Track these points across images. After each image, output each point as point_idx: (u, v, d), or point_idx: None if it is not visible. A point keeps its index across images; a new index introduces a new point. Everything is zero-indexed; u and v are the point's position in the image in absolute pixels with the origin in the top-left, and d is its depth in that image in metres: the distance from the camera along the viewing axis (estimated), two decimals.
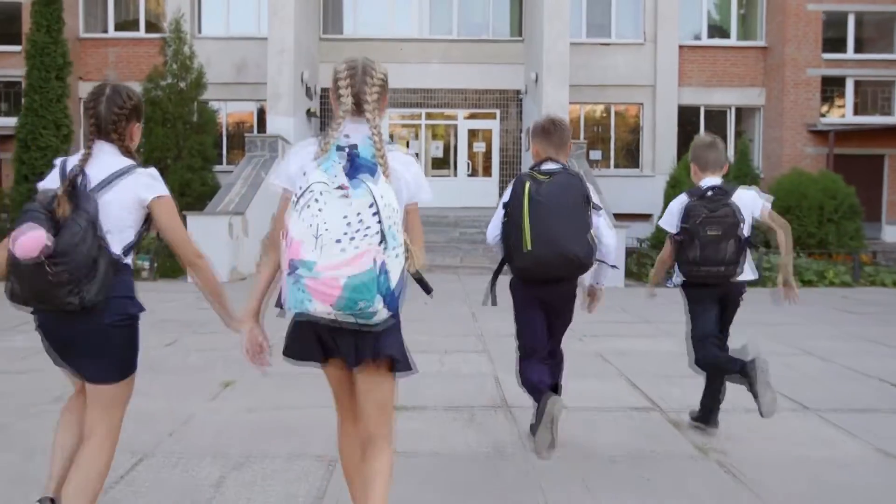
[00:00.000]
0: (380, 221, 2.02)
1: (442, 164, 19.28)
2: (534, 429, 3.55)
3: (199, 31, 18.83)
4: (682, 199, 3.86)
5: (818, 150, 17.71)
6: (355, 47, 18.88)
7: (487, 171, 19.25)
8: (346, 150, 2.12)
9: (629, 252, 13.41)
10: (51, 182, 2.42)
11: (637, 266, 12.87)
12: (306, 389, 5.02)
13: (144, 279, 11.91)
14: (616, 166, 18.92)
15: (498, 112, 19.11)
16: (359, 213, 2.01)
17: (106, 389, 2.50)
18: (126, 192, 2.43)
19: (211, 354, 6.18)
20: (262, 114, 17.92)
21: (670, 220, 3.90)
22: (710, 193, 3.74)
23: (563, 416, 3.35)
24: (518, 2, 19.08)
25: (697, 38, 18.92)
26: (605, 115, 19.28)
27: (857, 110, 18.15)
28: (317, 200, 2.01)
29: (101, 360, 2.45)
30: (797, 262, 12.23)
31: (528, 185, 3.34)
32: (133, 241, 2.51)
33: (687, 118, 18.82)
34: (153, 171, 2.53)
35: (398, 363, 2.30)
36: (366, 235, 2.01)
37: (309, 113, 17.39)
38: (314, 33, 18.45)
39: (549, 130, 3.61)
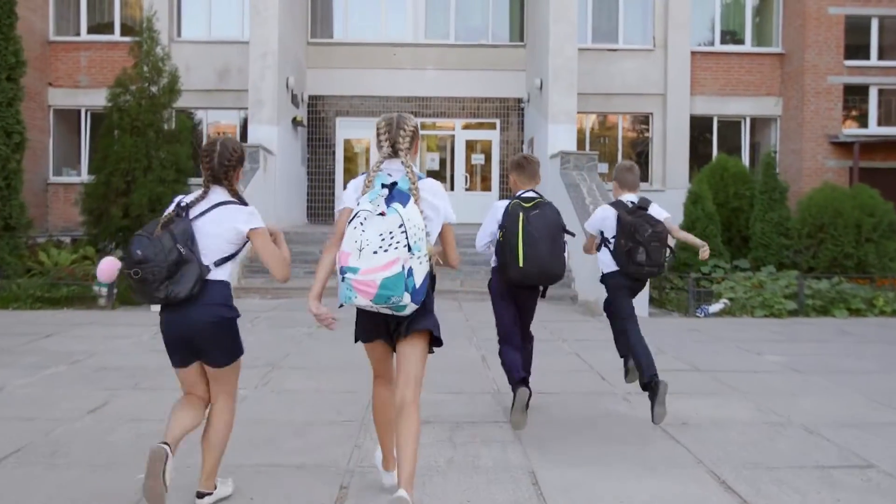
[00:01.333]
0: (407, 237, 2.78)
1: (438, 177, 17.69)
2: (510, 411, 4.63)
3: (179, 35, 17.28)
4: (607, 211, 4.76)
5: (840, 164, 16.27)
6: (346, 52, 17.38)
7: (487, 185, 17.70)
8: (388, 186, 2.90)
9: None
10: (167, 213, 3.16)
11: (658, 291, 11.29)
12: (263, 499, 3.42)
13: (102, 307, 10.24)
14: None
15: (498, 122, 17.59)
16: (391, 231, 2.76)
17: (219, 371, 3.18)
18: (221, 221, 3.10)
19: (145, 427, 4.55)
20: (246, 123, 16.31)
21: (596, 224, 4.82)
22: (633, 206, 4.65)
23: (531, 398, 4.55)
24: (519, 4, 17.61)
25: (710, 43, 17.49)
26: (611, 125, 17.78)
27: (881, 121, 16.72)
28: (362, 223, 2.80)
29: (211, 352, 3.12)
30: (839, 287, 10.71)
31: (521, 214, 4.28)
32: (226, 256, 3.12)
33: (699, 129, 17.37)
34: (252, 208, 3.20)
35: (435, 338, 3.14)
36: (396, 247, 2.76)
37: (295, 122, 15.81)
38: (301, 37, 16.89)
39: (523, 165, 4.61)
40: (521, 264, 4.24)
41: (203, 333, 3.05)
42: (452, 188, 17.52)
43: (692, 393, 5.63)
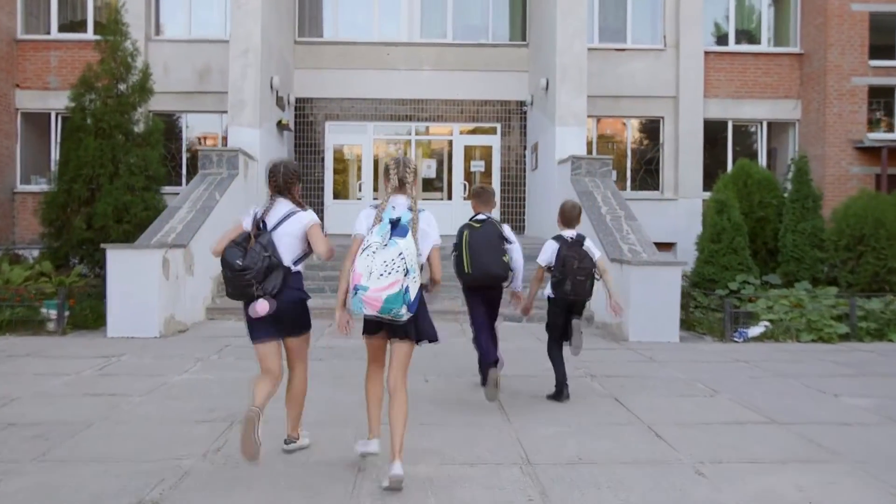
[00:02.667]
0: (405, 263, 3.54)
1: (434, 185, 16.29)
2: (483, 383, 5.41)
3: (157, 33, 15.83)
4: (554, 245, 5.54)
5: (865, 170, 14.95)
6: (336, 52, 16.01)
7: None
8: (393, 223, 3.63)
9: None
10: (247, 224, 3.99)
11: (685, 311, 9.83)
12: None
13: (50, 332, 8.72)
14: (632, 188, 16.01)
15: (499, 126, 16.18)
16: (393, 259, 3.52)
17: (295, 340, 4.08)
18: (293, 226, 3.97)
19: None
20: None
21: (547, 257, 5.55)
22: (572, 241, 5.50)
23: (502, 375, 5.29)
24: (521, 1, 16.23)
25: (724, 43, 16.14)
26: (619, 130, 16.39)
27: None
28: (373, 252, 3.55)
29: (289, 325, 3.99)
30: (893, 306, 9.32)
31: (465, 232, 5.31)
32: (300, 255, 4.03)
33: (712, 134, 16.00)
34: (311, 212, 4.09)
35: (427, 338, 3.88)
36: (396, 272, 3.51)
37: (280, 125, 14.37)
38: (288, 35, 15.47)
39: (480, 193, 5.64)
40: (468, 271, 5.24)
41: (286, 310, 3.90)
42: (450, 197, 16.09)
43: (784, 460, 4.19)
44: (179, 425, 4.80)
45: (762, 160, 16.01)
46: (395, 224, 3.61)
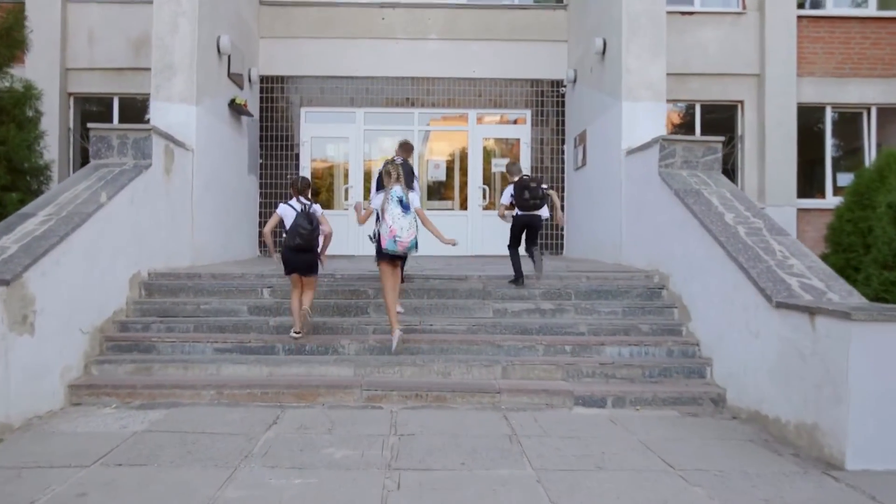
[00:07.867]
0: (416, 224, 5.91)
1: (444, 191, 11.92)
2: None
3: None
4: (510, 188, 7.32)
5: None
6: (315, 16, 11.66)
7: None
8: (399, 200, 5.87)
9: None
10: (284, 212, 6.17)
11: None
12: None
13: None
14: None
15: (528, 113, 11.86)
16: (410, 222, 5.84)
17: (312, 278, 6.22)
18: (315, 212, 6.13)
19: None
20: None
21: (508, 196, 7.34)
22: (519, 178, 7.32)
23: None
24: None
25: (819, 5, 11.87)
26: (686, 116, 12.03)
27: None
28: (398, 218, 5.77)
29: (308, 268, 6.12)
30: None
31: (388, 165, 6.56)
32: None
33: (805, 123, 11.67)
34: (318, 206, 6.30)
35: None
36: (413, 228, 5.85)
37: (234, 106, 9.98)
38: None
39: (404, 145, 7.30)
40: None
41: (313, 260, 6.15)
42: (464, 206, 11.73)
43: None
44: None
45: (868, 157, 11.69)
46: (401, 201, 5.85)
